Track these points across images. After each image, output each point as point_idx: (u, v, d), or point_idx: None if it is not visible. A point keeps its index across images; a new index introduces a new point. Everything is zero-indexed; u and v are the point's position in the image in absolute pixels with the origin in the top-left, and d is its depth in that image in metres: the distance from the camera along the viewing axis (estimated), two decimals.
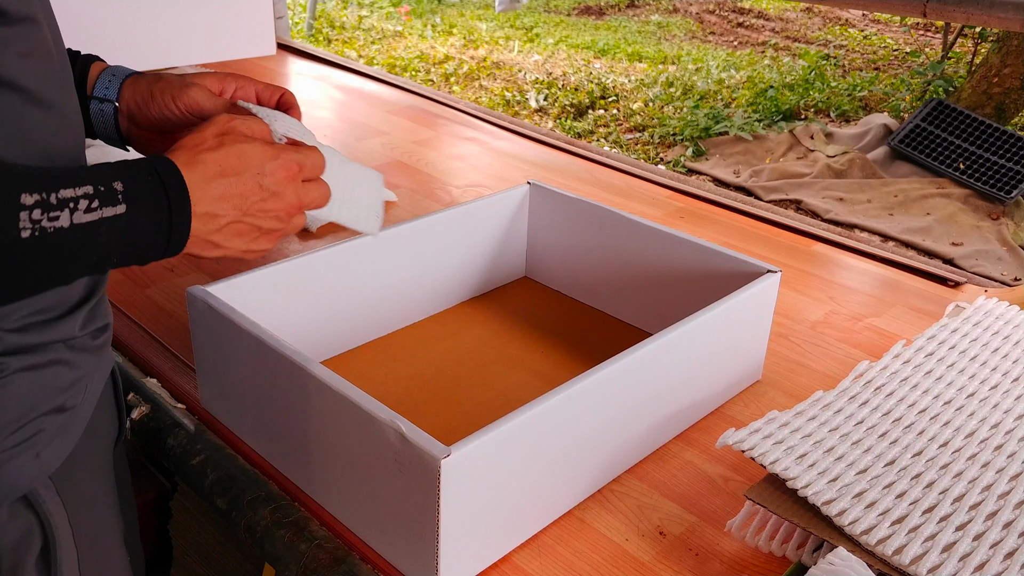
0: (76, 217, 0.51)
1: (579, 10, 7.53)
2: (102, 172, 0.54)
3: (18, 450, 0.60)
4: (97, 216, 0.52)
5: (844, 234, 1.41)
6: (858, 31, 6.95)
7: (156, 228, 0.56)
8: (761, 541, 0.75)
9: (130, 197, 0.54)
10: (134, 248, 0.56)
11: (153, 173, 0.57)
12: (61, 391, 0.63)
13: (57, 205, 0.51)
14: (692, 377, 0.90)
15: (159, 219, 0.56)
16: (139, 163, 0.57)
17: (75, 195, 0.52)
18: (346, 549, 0.75)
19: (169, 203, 0.57)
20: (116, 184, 0.54)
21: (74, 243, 0.52)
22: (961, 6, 1.45)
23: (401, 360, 1.03)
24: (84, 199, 0.52)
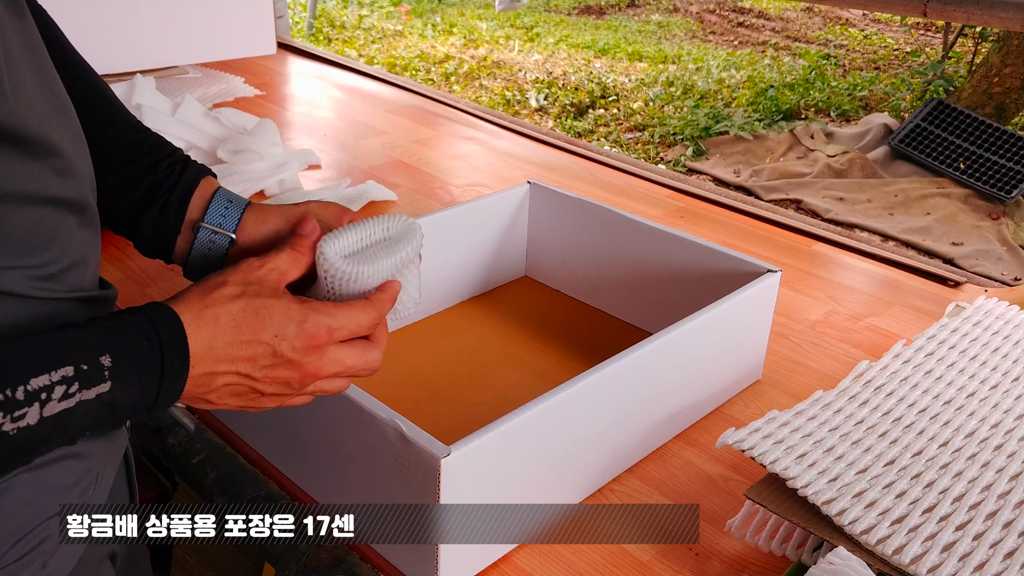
0: (48, 409, 0.43)
1: (579, 9, 7.53)
2: (86, 342, 0.46)
3: (22, 563, 0.52)
4: (75, 401, 0.44)
5: (844, 234, 1.41)
6: (858, 31, 6.95)
7: (142, 398, 0.49)
8: (761, 540, 0.75)
9: (118, 372, 0.47)
10: (111, 420, 0.48)
11: (152, 338, 0.49)
12: (69, 489, 0.55)
13: (24, 400, 0.42)
14: (692, 377, 0.90)
15: (147, 391, 0.49)
16: (135, 321, 0.49)
17: (49, 382, 0.43)
18: (346, 548, 0.75)
19: (162, 374, 0.49)
20: (104, 359, 0.46)
21: (39, 438, 0.44)
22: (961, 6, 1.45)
23: (401, 359, 1.03)
24: (61, 384, 0.44)
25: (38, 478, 0.52)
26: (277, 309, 0.54)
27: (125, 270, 1.19)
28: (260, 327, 0.53)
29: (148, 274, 1.19)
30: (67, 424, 0.45)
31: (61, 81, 0.55)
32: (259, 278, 0.56)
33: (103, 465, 0.59)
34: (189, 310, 0.52)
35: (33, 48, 0.52)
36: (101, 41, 1.92)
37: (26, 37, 0.51)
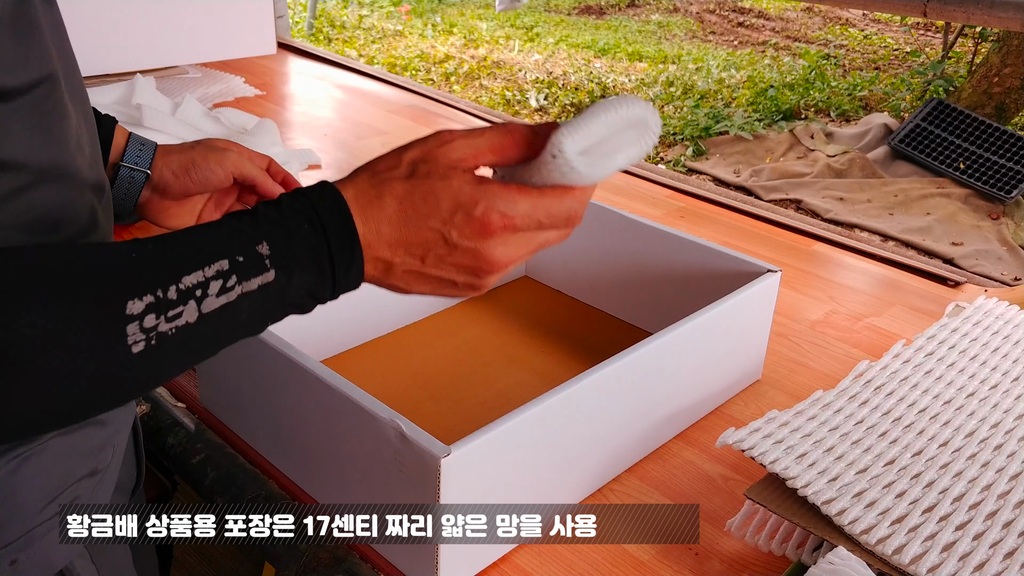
0: (206, 305, 0.42)
1: (579, 9, 7.53)
2: (241, 231, 0.45)
3: (53, 523, 0.55)
4: (236, 295, 0.43)
5: (844, 234, 1.41)
6: (858, 31, 6.95)
7: (317, 284, 0.47)
8: (761, 540, 0.75)
9: (280, 259, 0.45)
10: (288, 307, 0.47)
11: (312, 220, 0.46)
12: (94, 453, 0.58)
13: (178, 299, 0.42)
14: (692, 376, 0.90)
15: (321, 275, 0.47)
16: (294, 204, 0.47)
17: (203, 278, 0.42)
18: (346, 548, 0.75)
19: (331, 257, 0.47)
20: (260, 247, 0.44)
21: (207, 333, 0.44)
22: (961, 6, 1.45)
23: (401, 359, 1.03)
24: (217, 279, 0.43)
25: (68, 442, 0.54)
26: (445, 193, 0.48)
27: None
28: (427, 213, 0.48)
29: None
30: (234, 319, 0.44)
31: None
32: (435, 156, 0.50)
33: (120, 433, 0.61)
34: (354, 187, 0.48)
35: (59, 34, 0.53)
36: (101, 41, 1.92)
37: (54, 22, 0.52)
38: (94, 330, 0.40)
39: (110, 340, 0.40)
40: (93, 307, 0.40)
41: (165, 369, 0.44)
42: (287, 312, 0.48)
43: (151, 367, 0.42)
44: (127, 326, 0.40)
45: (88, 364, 0.40)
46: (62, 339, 0.39)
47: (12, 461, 0.51)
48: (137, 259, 0.42)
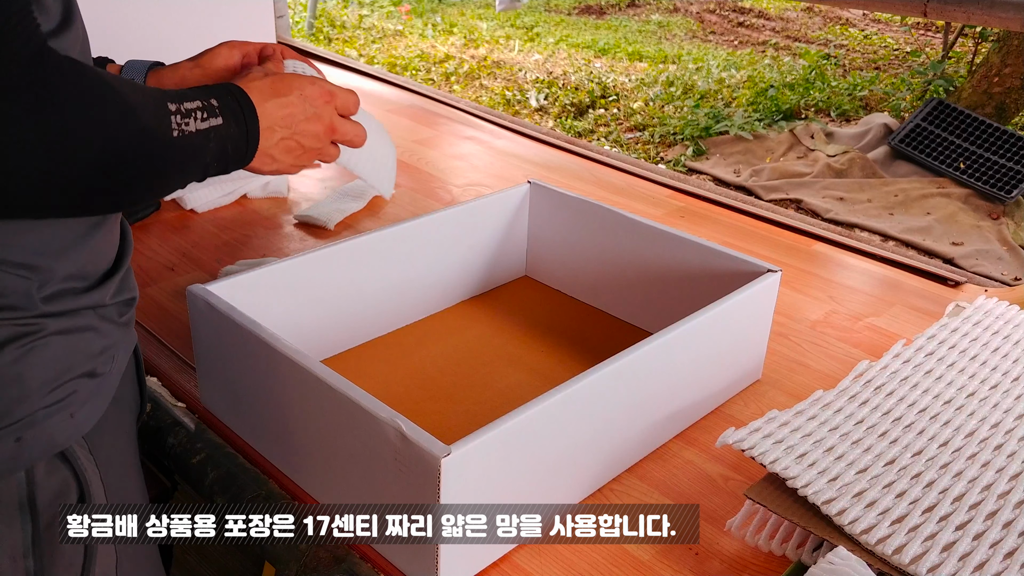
0: (197, 124, 0.64)
1: (579, 9, 7.52)
2: (200, 91, 0.66)
3: (55, 408, 0.63)
4: (208, 125, 0.65)
5: (844, 233, 1.41)
6: (858, 31, 6.95)
7: (239, 136, 0.68)
8: (761, 540, 0.75)
9: (223, 110, 0.67)
10: (225, 154, 0.67)
11: (230, 93, 0.69)
12: (92, 356, 0.67)
13: (187, 113, 0.63)
14: (692, 376, 0.90)
15: (241, 129, 0.68)
16: (219, 87, 0.69)
17: (193, 107, 0.64)
18: (346, 548, 0.75)
19: (245, 116, 0.69)
20: (212, 100, 0.66)
21: (197, 145, 0.64)
22: (961, 6, 1.45)
23: (401, 359, 1.03)
24: (199, 111, 0.64)
25: (68, 341, 0.64)
26: (295, 78, 0.75)
27: None
28: (288, 89, 0.73)
29: (149, 273, 1.19)
30: (204, 145, 0.65)
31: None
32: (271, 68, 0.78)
33: (118, 348, 0.70)
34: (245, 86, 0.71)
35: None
36: (101, 41, 1.92)
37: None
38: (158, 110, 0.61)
39: (166, 120, 0.61)
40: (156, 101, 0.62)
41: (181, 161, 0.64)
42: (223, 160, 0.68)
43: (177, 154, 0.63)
44: (171, 116, 0.62)
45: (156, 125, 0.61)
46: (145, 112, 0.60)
47: (19, 349, 0.61)
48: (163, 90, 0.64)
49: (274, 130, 0.72)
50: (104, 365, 0.68)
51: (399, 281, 1.06)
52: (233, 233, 1.33)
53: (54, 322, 0.63)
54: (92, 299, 0.66)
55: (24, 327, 0.61)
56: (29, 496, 0.63)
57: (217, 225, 1.35)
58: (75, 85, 0.56)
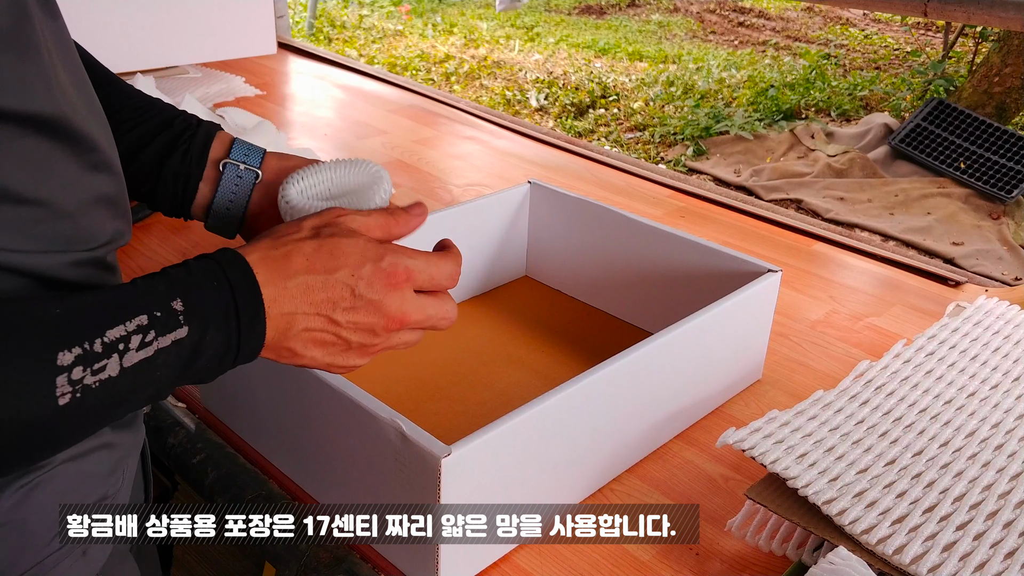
0: (127, 359, 0.43)
1: (580, 9, 7.52)
2: (155, 289, 0.46)
3: (66, 551, 0.54)
4: (153, 350, 0.44)
5: (845, 233, 1.41)
6: (859, 30, 6.95)
7: (225, 342, 0.48)
8: (761, 540, 0.75)
9: (192, 316, 0.46)
10: (197, 370, 0.48)
11: (220, 278, 0.48)
12: (103, 479, 0.56)
13: (103, 352, 0.42)
14: (692, 376, 0.90)
15: (228, 333, 0.48)
16: (201, 265, 0.49)
17: (125, 333, 0.43)
18: (346, 548, 0.75)
19: (238, 314, 0.48)
20: (175, 303, 0.46)
21: (125, 388, 0.44)
22: (962, 5, 1.45)
23: (401, 359, 1.03)
24: (137, 334, 0.44)
25: (77, 468, 0.53)
26: (352, 248, 0.52)
27: (126, 270, 1.20)
28: (335, 266, 0.51)
29: None
30: (149, 375, 0.45)
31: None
32: (335, 222, 0.53)
33: (129, 456, 0.60)
34: (257, 251, 0.50)
35: (66, 49, 0.52)
36: (101, 41, 1.92)
37: (59, 38, 0.52)
38: (28, 378, 0.40)
39: (41, 391, 0.41)
40: (28, 357, 0.41)
41: (84, 423, 0.45)
42: (195, 375, 0.48)
43: (73, 420, 0.43)
44: (57, 377, 0.41)
45: (17, 413, 0.40)
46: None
47: (20, 490, 0.50)
48: (63, 312, 0.43)
49: (294, 317, 0.51)
50: (115, 484, 0.58)
51: None
52: None
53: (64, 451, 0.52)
54: None
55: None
56: None
57: None
58: None
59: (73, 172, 0.50)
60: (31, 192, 0.47)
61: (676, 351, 0.85)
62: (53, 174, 0.48)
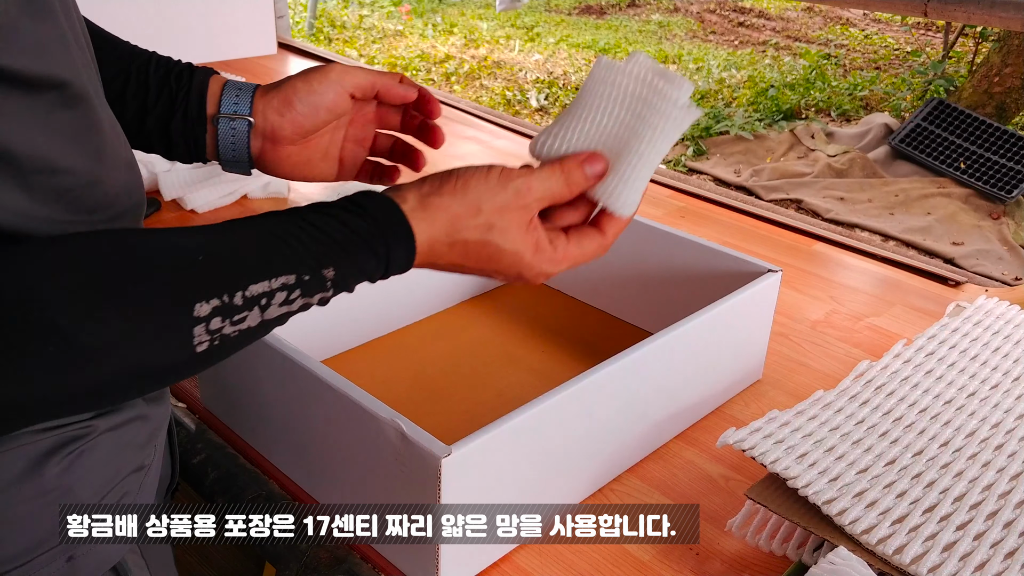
0: (268, 313, 0.44)
1: (580, 9, 7.53)
2: (311, 253, 0.46)
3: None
4: (297, 305, 0.46)
5: (845, 233, 1.41)
6: (859, 30, 6.95)
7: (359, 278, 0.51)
8: (762, 540, 0.75)
9: (341, 281, 0.48)
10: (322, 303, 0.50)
11: (380, 255, 0.50)
12: (140, 449, 0.58)
13: (243, 306, 0.43)
14: (692, 376, 0.90)
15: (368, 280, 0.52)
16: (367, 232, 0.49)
17: (269, 289, 0.44)
18: (347, 548, 0.75)
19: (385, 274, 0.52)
20: (327, 271, 0.47)
21: (262, 332, 0.46)
22: (962, 5, 1.45)
23: (401, 359, 1.03)
24: (281, 291, 0.44)
25: (117, 437, 0.55)
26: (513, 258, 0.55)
27: None
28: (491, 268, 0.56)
29: None
30: (287, 318, 0.47)
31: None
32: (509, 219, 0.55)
33: (160, 427, 0.62)
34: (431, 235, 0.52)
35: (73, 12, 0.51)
36: None
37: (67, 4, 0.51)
38: (164, 331, 0.41)
39: (178, 341, 0.42)
40: (164, 309, 0.41)
41: (216, 360, 0.46)
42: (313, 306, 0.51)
43: (208, 362, 0.45)
44: (195, 328, 0.42)
45: (155, 361, 0.42)
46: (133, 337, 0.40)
47: (66, 458, 0.52)
48: (205, 261, 0.43)
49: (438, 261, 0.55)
50: (150, 455, 0.60)
51: (399, 281, 1.06)
52: None
53: (105, 420, 0.54)
54: None
55: (74, 431, 0.52)
56: None
57: None
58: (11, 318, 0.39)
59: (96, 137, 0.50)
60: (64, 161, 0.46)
61: (676, 351, 0.85)
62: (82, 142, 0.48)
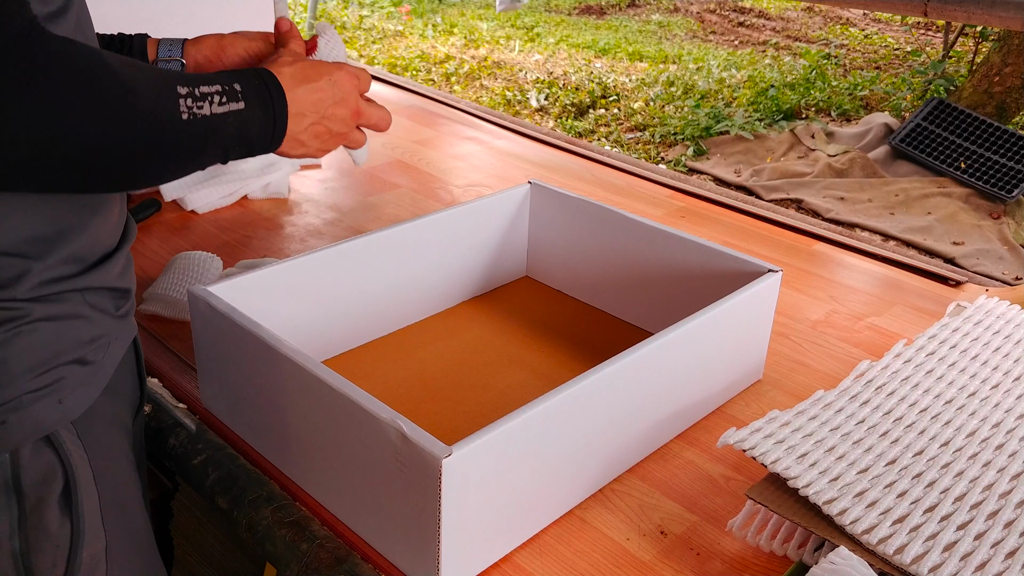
0: (213, 108, 0.64)
1: (580, 9, 7.52)
2: (223, 76, 0.67)
3: (41, 393, 0.64)
4: (226, 109, 0.65)
5: (845, 233, 1.41)
6: (859, 30, 6.95)
7: (264, 121, 0.69)
8: (762, 540, 0.75)
9: (246, 95, 0.67)
10: (248, 139, 0.68)
11: (259, 78, 0.70)
12: (82, 344, 0.67)
13: (200, 97, 0.63)
14: (693, 376, 0.90)
15: (267, 114, 0.69)
16: (246, 71, 0.70)
17: (211, 91, 0.64)
18: (347, 549, 0.75)
19: (272, 101, 0.69)
20: (236, 85, 0.66)
21: (212, 129, 0.64)
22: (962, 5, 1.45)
23: (402, 360, 1.03)
24: (217, 95, 0.64)
25: (56, 327, 0.65)
26: (323, 66, 0.76)
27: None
28: (317, 74, 0.74)
29: (149, 274, 1.19)
30: (222, 129, 0.65)
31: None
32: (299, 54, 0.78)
33: (112, 338, 0.70)
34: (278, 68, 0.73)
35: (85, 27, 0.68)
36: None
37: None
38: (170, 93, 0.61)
39: (170, 101, 0.61)
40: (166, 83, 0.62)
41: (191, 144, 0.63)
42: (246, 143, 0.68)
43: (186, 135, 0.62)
44: (179, 99, 0.62)
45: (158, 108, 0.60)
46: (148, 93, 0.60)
47: (4, 333, 0.61)
48: (178, 74, 0.64)
49: (304, 115, 0.73)
50: (96, 354, 0.69)
51: (400, 282, 1.06)
52: (234, 234, 1.33)
53: (41, 307, 0.63)
54: (82, 283, 0.67)
55: (9, 312, 0.62)
56: (14, 478, 0.64)
57: (218, 226, 1.35)
58: (67, 64, 0.54)
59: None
60: None
61: (676, 351, 0.85)
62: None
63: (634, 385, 0.82)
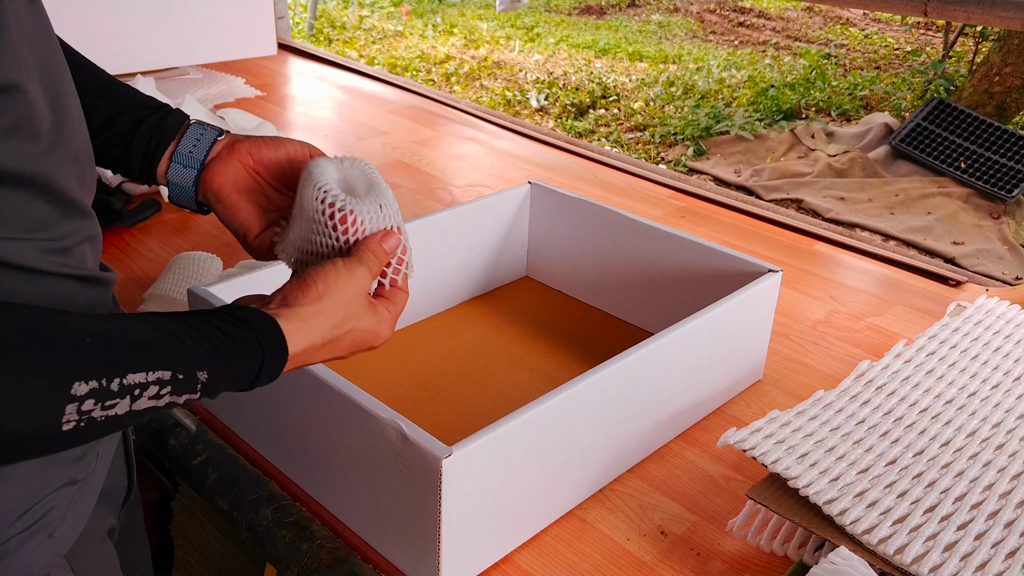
0: (137, 404, 0.45)
1: (580, 10, 7.53)
2: (191, 353, 0.48)
3: (31, 532, 0.54)
4: (165, 402, 0.47)
5: (845, 233, 1.41)
6: (859, 30, 6.95)
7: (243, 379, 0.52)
8: (762, 541, 0.75)
9: (211, 386, 0.49)
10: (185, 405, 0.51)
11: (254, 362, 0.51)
12: (73, 462, 0.57)
13: (118, 392, 0.44)
14: (693, 376, 0.90)
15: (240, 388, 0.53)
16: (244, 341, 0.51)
17: (145, 381, 0.45)
18: (347, 549, 0.75)
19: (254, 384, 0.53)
20: (201, 374, 0.48)
21: (127, 422, 0.46)
22: (962, 5, 1.45)
23: (402, 360, 1.03)
24: (155, 385, 0.46)
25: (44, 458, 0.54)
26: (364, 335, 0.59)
27: (126, 271, 1.20)
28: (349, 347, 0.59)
29: (149, 275, 1.19)
30: (152, 413, 0.47)
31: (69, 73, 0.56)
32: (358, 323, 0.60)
33: (104, 444, 0.61)
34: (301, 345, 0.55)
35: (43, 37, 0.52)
36: (101, 42, 1.92)
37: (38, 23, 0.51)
38: (39, 400, 0.42)
39: (49, 415, 0.42)
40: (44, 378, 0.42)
41: (80, 442, 0.46)
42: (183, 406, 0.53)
43: (68, 443, 0.45)
44: (67, 405, 0.43)
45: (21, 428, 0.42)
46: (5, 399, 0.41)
47: None
48: (92, 343, 0.44)
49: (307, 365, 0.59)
50: (86, 468, 0.58)
51: None
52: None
53: None
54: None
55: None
56: None
57: (218, 226, 1.35)
58: None
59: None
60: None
61: (676, 351, 0.85)
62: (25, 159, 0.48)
63: (634, 385, 0.81)
